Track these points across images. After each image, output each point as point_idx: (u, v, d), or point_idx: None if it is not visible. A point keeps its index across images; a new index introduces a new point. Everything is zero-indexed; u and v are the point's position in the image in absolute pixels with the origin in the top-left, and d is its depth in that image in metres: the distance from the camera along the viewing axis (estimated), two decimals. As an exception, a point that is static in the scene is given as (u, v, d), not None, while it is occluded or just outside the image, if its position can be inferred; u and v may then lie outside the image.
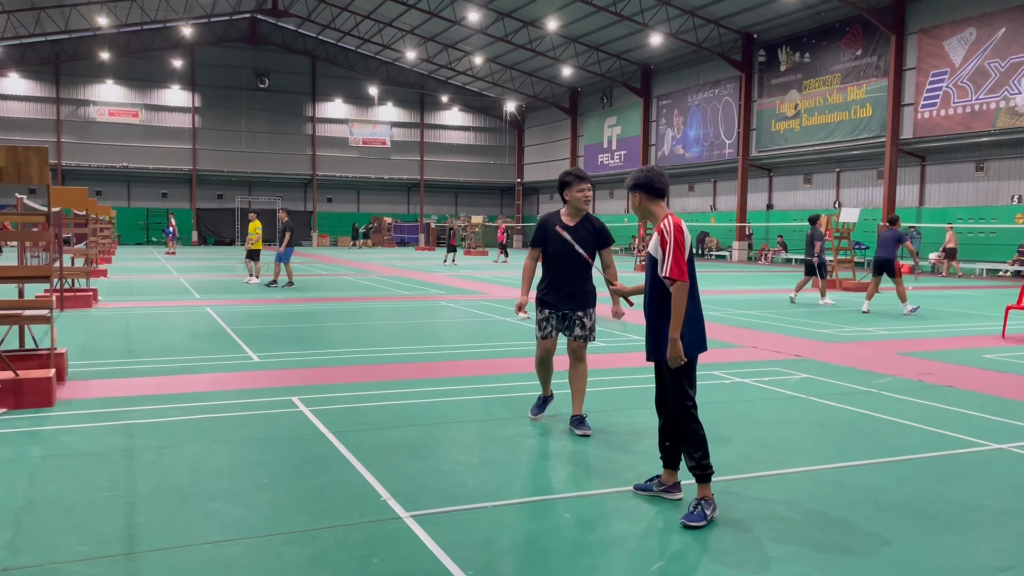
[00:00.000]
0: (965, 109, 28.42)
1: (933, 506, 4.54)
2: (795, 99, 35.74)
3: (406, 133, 58.67)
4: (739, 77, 38.37)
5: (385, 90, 56.53)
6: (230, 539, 3.95)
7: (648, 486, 4.65)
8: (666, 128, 44.43)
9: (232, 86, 53.56)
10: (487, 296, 17.65)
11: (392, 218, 57.76)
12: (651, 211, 4.52)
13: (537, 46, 44.39)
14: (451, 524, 4.17)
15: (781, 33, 36.10)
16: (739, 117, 38.56)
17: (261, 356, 9.29)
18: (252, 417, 6.43)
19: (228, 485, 4.77)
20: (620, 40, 41.83)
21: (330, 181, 56.83)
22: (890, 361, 9.38)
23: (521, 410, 6.72)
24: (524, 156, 60.69)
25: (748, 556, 3.83)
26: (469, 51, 48.73)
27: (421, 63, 54.12)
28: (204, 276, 23.16)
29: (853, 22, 32.37)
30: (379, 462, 5.21)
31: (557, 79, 50.35)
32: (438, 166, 59.56)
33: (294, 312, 14.17)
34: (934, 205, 31.03)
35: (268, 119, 54.69)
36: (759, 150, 37.96)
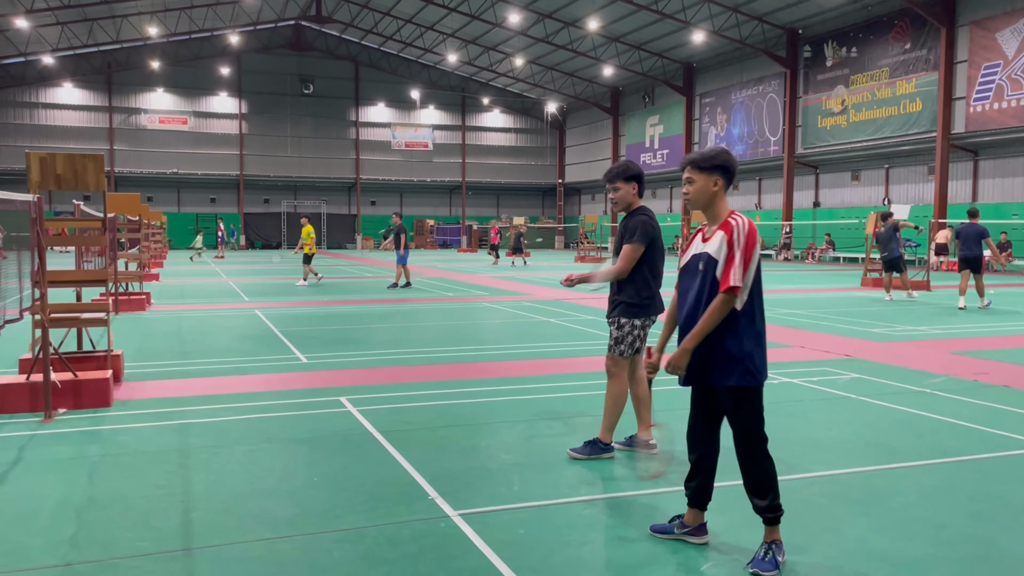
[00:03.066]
0: (1020, 102, 27.62)
1: (990, 508, 4.43)
2: (842, 94, 35.10)
3: (448, 136, 59.00)
4: (783, 73, 37.82)
5: (427, 93, 56.96)
6: (282, 536, 4.02)
7: (668, 528, 4.00)
8: (709, 126, 43.98)
9: (277, 92, 54.44)
10: (530, 297, 17.67)
11: (435, 220, 58.14)
12: (718, 202, 3.78)
13: (578, 46, 44.30)
14: (498, 523, 4.20)
15: (827, 28, 35.49)
16: (784, 114, 38.01)
17: (309, 357, 9.43)
18: (301, 417, 6.53)
19: (279, 483, 4.86)
20: (662, 39, 41.53)
21: (374, 184, 57.42)
22: (943, 360, 9.17)
23: (565, 410, 6.72)
24: (565, 157, 60.60)
25: (800, 560, 3.78)
26: (510, 53, 48.83)
27: (462, 66, 54.39)
28: (253, 279, 23.58)
29: (901, 15, 31.69)
30: (426, 461, 5.26)
31: (598, 79, 50.17)
32: (480, 168, 59.79)
33: (340, 314, 14.35)
34: (988, 200, 30.20)
35: (313, 124, 55.47)
36: (805, 147, 37.37)
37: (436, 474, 4.99)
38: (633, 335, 5.20)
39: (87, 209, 12.16)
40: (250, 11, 48.19)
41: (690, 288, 3.79)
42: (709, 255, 3.69)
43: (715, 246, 3.67)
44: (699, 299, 3.71)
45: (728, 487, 4.46)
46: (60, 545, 3.91)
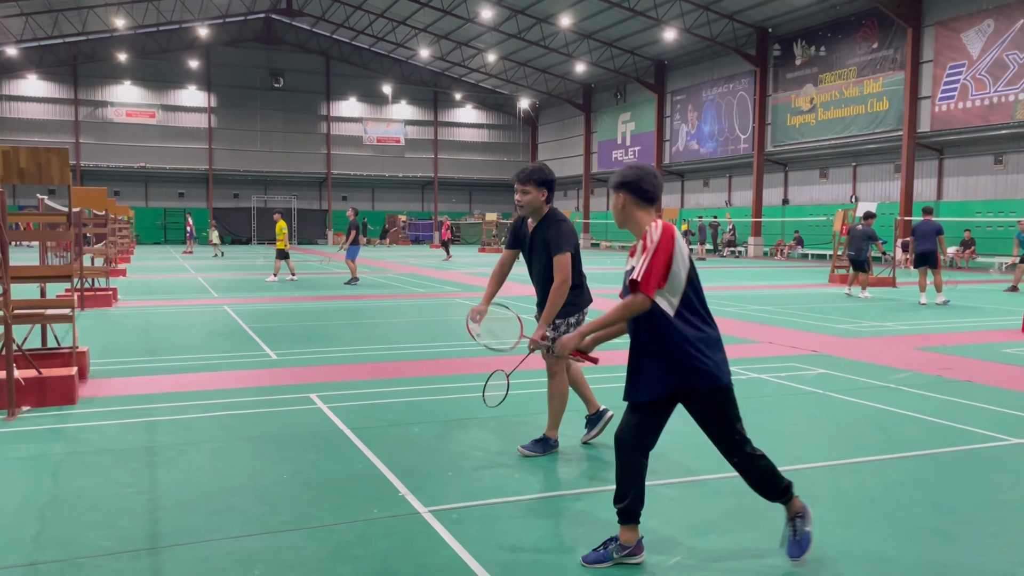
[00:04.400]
0: (983, 102, 28.14)
1: (952, 501, 4.52)
2: (811, 93, 35.51)
3: (420, 131, 58.79)
4: (754, 71, 38.17)
5: (399, 88, 56.69)
6: (250, 534, 4.00)
7: (604, 554, 3.66)
8: (680, 123, 44.26)
9: (247, 86, 53.86)
10: (503, 293, 17.67)
11: (407, 216, 57.91)
12: (635, 217, 3.63)
13: (550, 43, 44.34)
14: (470, 519, 4.20)
15: (796, 27, 35.87)
16: (754, 112, 38.36)
17: (279, 353, 9.36)
18: (271, 414, 6.49)
19: (248, 481, 4.82)
20: (634, 36, 41.70)
21: (345, 179, 57.06)
22: (908, 356, 9.33)
23: (537, 406, 6.74)
24: (538, 153, 60.64)
25: (768, 548, 3.84)
26: (482, 48, 48.75)
27: (434, 61, 54.20)
28: (222, 275, 23.33)
29: (869, 15, 32.12)
30: (397, 458, 5.25)
31: (570, 75, 50.27)
32: (452, 163, 59.67)
33: (311, 310, 14.26)
34: (952, 199, 30.75)
35: (283, 118, 54.96)
36: (774, 145, 37.75)
37: (406, 470, 4.98)
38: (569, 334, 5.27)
39: (52, 204, 11.97)
40: (219, 4, 47.63)
41: None
42: (632, 267, 3.54)
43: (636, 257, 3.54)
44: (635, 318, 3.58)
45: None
46: (24, 544, 3.85)
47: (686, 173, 45.35)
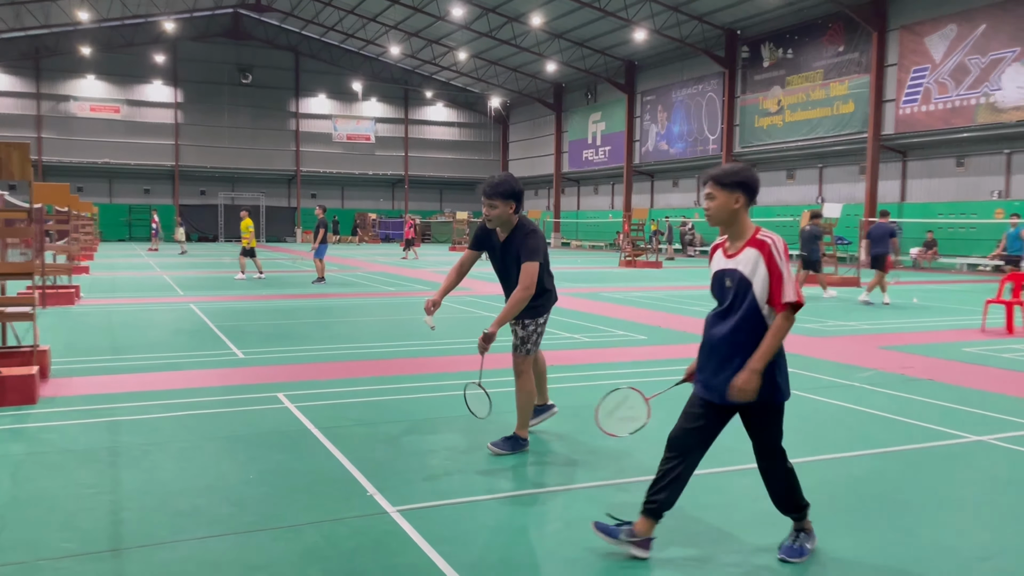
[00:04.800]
0: (946, 105, 28.67)
1: (913, 497, 4.60)
2: (778, 95, 35.92)
3: (390, 129, 58.51)
4: (723, 73, 38.52)
5: (369, 85, 56.36)
6: (216, 535, 3.95)
7: (615, 531, 3.80)
8: (650, 124, 44.54)
9: (215, 81, 53.20)
10: (472, 292, 17.66)
11: (377, 214, 57.62)
12: (741, 218, 3.69)
13: (521, 42, 44.37)
14: (438, 518, 4.20)
15: (764, 29, 36.27)
16: (723, 113, 38.72)
17: (246, 352, 9.26)
18: (237, 414, 6.42)
19: (214, 482, 4.77)
20: (604, 36, 41.88)
21: (314, 177, 56.61)
22: (872, 355, 9.48)
23: (508, 404, 6.74)
24: (509, 152, 60.67)
25: (731, 547, 3.88)
26: (453, 47, 48.65)
27: (405, 59, 53.97)
28: (188, 273, 23.02)
29: (835, 18, 32.56)
30: (365, 458, 5.22)
31: (541, 75, 50.34)
32: (423, 162, 59.46)
33: (278, 308, 14.13)
34: (916, 200, 31.29)
35: (251, 114, 54.38)
36: (743, 146, 38.14)
37: (375, 470, 4.96)
38: (537, 333, 5.42)
39: (12, 199, 11.73)
40: (186, -3, 46.99)
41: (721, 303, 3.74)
42: (741, 274, 3.62)
43: (746, 264, 3.61)
44: (726, 317, 3.67)
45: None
46: (-19, 548, 3.77)
47: (656, 173, 45.64)
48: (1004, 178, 28.30)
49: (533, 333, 5.41)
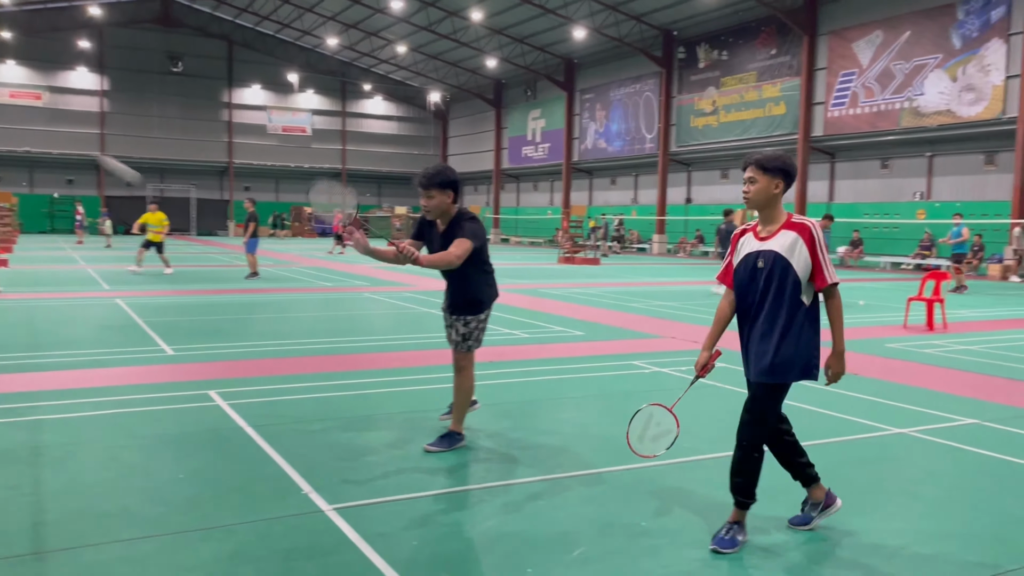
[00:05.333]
0: (872, 108, 29.66)
1: (837, 489, 4.74)
2: (713, 96, 36.62)
3: (327, 121, 57.65)
4: (660, 73, 39.08)
5: (305, 77, 55.41)
6: (144, 536, 3.84)
7: (806, 518, 4.07)
8: (589, 122, 44.93)
9: (144, 69, 51.57)
10: (414, 288, 17.55)
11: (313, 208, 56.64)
12: (778, 203, 3.88)
13: (461, 36, 44.21)
14: (375, 516, 4.16)
15: (700, 31, 36.91)
16: (659, 112, 39.29)
17: (175, 349, 9.02)
18: (166, 412, 6.25)
19: (141, 482, 4.63)
20: (544, 33, 42.04)
21: (248, 169, 55.40)
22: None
23: (446, 401, 6.72)
24: (448, 147, 60.45)
25: (666, 542, 3.94)
26: (392, 40, 48.18)
27: (343, 50, 53.24)
28: (114, 267, 22.29)
29: (768, 22, 33.35)
30: (301, 456, 5.14)
31: (481, 70, 50.27)
32: (361, 155, 58.76)
33: (210, 304, 13.80)
34: (843, 200, 32.31)
35: (182, 104, 52.90)
36: (678, 145, 38.77)
37: (310, 469, 4.89)
38: (479, 329, 5.38)
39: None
40: (114, -18, 45.41)
41: (754, 287, 3.82)
42: (777, 253, 3.75)
43: (784, 245, 3.75)
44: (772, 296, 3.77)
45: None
46: None
47: (594, 171, 46.07)
48: (926, 180, 29.44)
49: (475, 329, 5.37)
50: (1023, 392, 7.54)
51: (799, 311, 3.76)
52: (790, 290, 3.75)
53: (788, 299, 3.75)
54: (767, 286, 3.79)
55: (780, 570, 3.65)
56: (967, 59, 26.48)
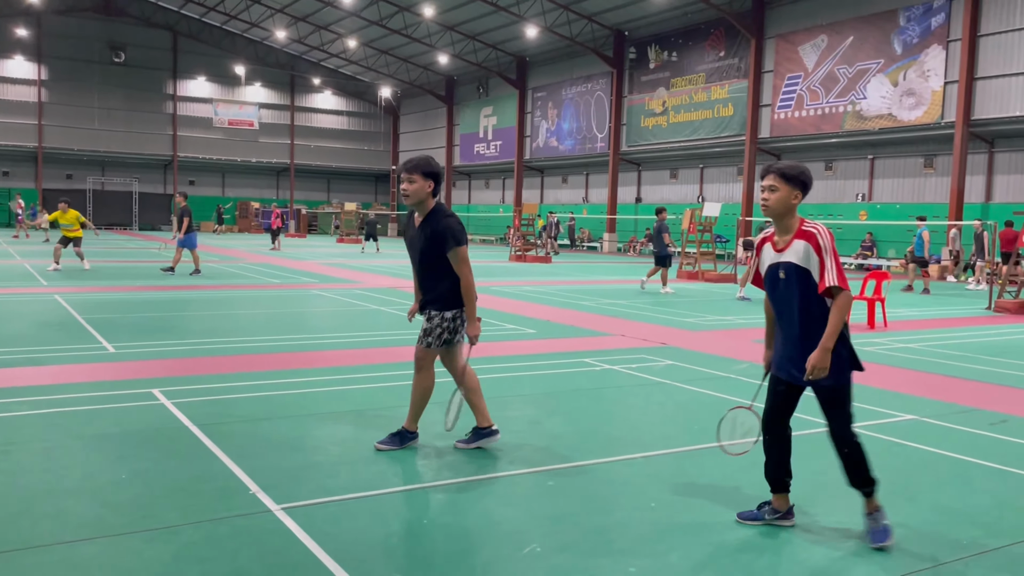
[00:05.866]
0: (816, 111, 30.33)
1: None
2: (663, 96, 37.05)
3: (276, 115, 56.71)
4: (611, 73, 39.38)
5: (253, 70, 54.43)
6: (84, 539, 3.73)
7: (759, 515, 4.16)
8: (541, 120, 45.06)
9: (84, 59, 50.05)
10: (362, 285, 17.39)
11: (260, 203, 55.76)
12: (794, 212, 3.95)
13: (413, 32, 43.93)
14: (324, 516, 4.11)
15: (651, 31, 37.30)
16: (610, 112, 39.60)
17: (117, 347, 8.79)
18: (108, 411, 6.08)
19: (82, 483, 4.50)
20: (496, 30, 42.02)
21: (193, 163, 54.19)
22: (747, 348, 9.92)
23: (397, 399, 6.68)
24: (399, 143, 60.00)
25: (617, 536, 3.97)
26: (342, 34, 47.64)
27: (292, 44, 52.42)
28: (52, 261, 21.59)
29: (717, 24, 33.85)
30: (248, 455, 5.05)
31: (433, 67, 50.03)
32: (309, 150, 57.95)
33: (154, 300, 13.48)
34: (788, 201, 32.95)
35: (124, 95, 51.46)
36: (629, 145, 39.13)
37: (257, 468, 4.81)
38: (443, 327, 5.19)
39: None
40: (53, -33, 44.00)
41: (781, 297, 3.98)
42: (794, 264, 3.89)
43: (798, 255, 3.88)
44: (801, 306, 3.90)
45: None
46: None
47: (546, 169, 46.23)
48: (867, 182, 30.23)
49: (437, 327, 5.17)
50: (959, 389, 7.80)
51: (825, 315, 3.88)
52: (815, 297, 3.89)
53: (817, 306, 3.89)
54: (792, 296, 3.93)
55: (736, 569, 3.71)
56: (908, 64, 27.27)
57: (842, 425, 3.98)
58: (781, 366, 4.07)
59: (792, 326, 3.97)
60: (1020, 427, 6.33)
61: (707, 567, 3.65)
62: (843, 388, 3.97)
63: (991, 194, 26.46)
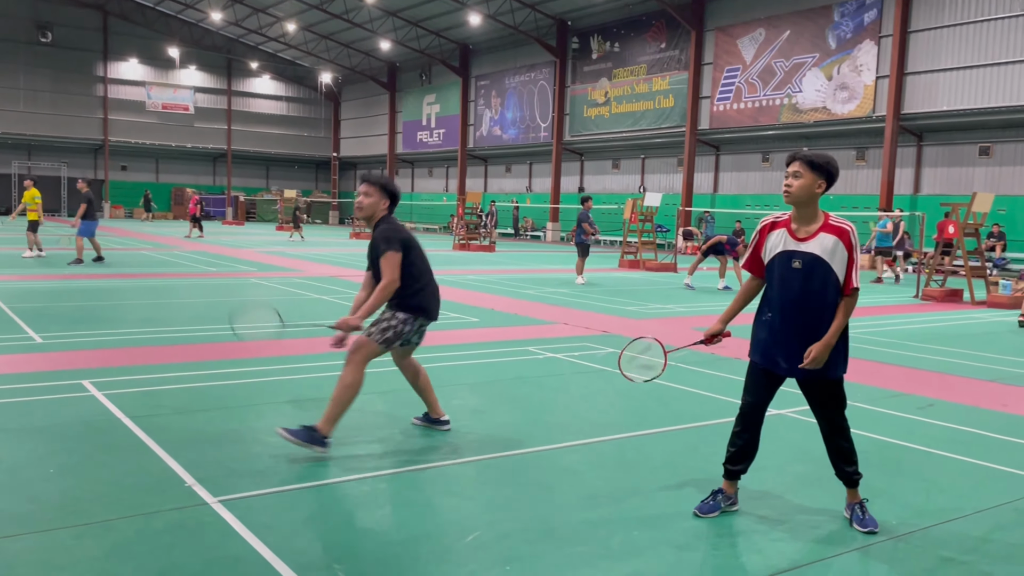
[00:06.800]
0: (754, 104, 30.91)
1: (718, 468, 4.93)
2: (605, 87, 37.28)
3: (212, 100, 55.32)
4: (554, 62, 39.45)
5: (188, 52, 52.95)
6: (11, 535, 3.59)
7: (716, 505, 4.13)
8: (484, 109, 44.91)
9: (8, 38, 47.99)
10: (303, 273, 17.12)
11: (196, 190, 54.38)
12: (815, 201, 3.93)
13: (354, 17, 43.26)
14: (262, 507, 4.04)
15: (593, 22, 37.46)
16: (554, 102, 39.70)
17: (45, 337, 8.48)
18: (35, 403, 5.86)
19: (7, 478, 4.33)
20: (439, 17, 41.67)
21: (125, 148, 52.53)
22: (686, 335, 10.08)
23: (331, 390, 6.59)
24: (341, 130, 59.15)
25: (560, 522, 3.99)
26: (281, 17, 46.65)
27: (228, 26, 51.14)
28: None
29: (658, 16, 34.17)
30: (183, 448, 4.93)
31: (375, 53, 49.39)
32: (248, 136, 56.70)
33: (84, 289, 13.04)
34: (727, 192, 33.59)
35: (52, 77, 49.56)
36: (572, 135, 39.30)
37: (193, 460, 4.69)
38: (390, 328, 5.00)
39: None
40: (-27, -59, 42.04)
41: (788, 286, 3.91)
42: (816, 256, 3.84)
43: (825, 248, 3.83)
44: (809, 297, 3.87)
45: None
46: None
47: (489, 158, 46.15)
48: (802, 174, 30.93)
49: (383, 321, 5.03)
50: (888, 374, 8.06)
51: (835, 310, 3.90)
52: (831, 292, 3.86)
53: (830, 301, 3.88)
54: (807, 287, 3.88)
55: (686, 546, 3.76)
56: (841, 59, 27.97)
57: (842, 418, 4.05)
58: (770, 356, 4.06)
59: (794, 316, 3.93)
60: (947, 411, 6.58)
61: (648, 551, 3.70)
62: (841, 381, 4.06)
63: (919, 186, 27.39)
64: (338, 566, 3.44)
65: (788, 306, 3.95)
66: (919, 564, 3.66)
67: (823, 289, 3.86)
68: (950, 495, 4.59)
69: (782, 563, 3.62)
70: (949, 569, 3.62)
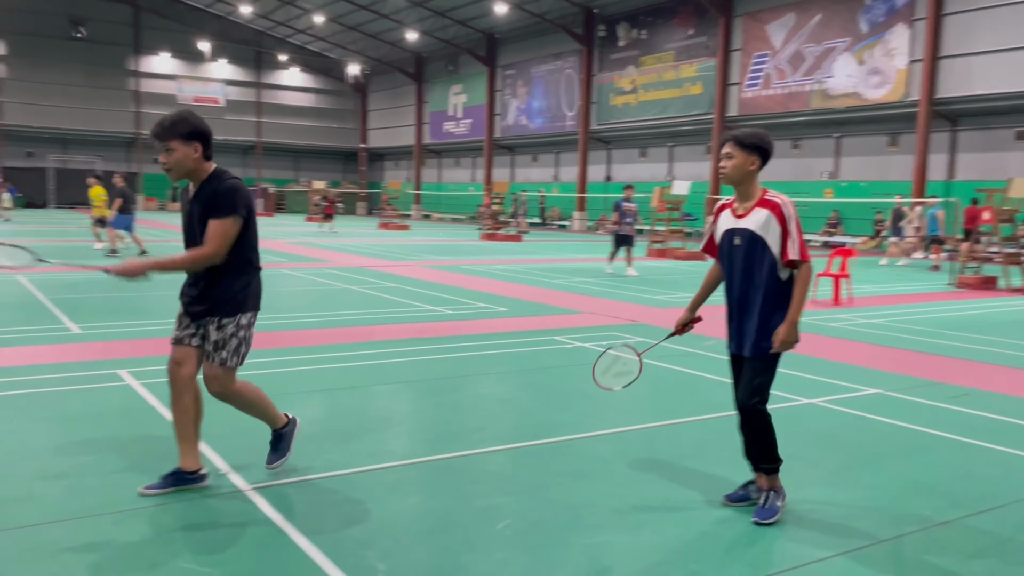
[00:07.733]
0: (784, 90, 30.51)
1: (752, 456, 4.92)
2: (632, 75, 37.02)
3: (242, 92, 55.84)
4: (580, 51, 39.23)
5: (218, 46, 53.47)
6: (52, 520, 3.69)
7: (746, 495, 4.09)
8: (510, 98, 44.83)
9: (44, 34, 48.80)
10: (331, 264, 17.26)
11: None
12: (754, 180, 3.92)
13: (381, 8, 43.36)
14: (296, 495, 4.10)
15: (620, 9, 37.18)
16: (580, 90, 39.50)
17: (83, 327, 8.65)
18: (73, 392, 5.99)
19: (47, 465, 4.44)
20: (465, 7, 41.61)
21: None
22: (715, 324, 9.97)
23: (369, 379, 6.66)
24: (368, 121, 59.40)
25: (588, 512, 4.01)
26: (309, 9, 46.88)
27: (257, 19, 51.52)
28: (14, 241, 21.15)
29: (686, 2, 33.82)
30: (218, 435, 5.01)
31: (402, 43, 49.47)
32: (277, 128, 57.18)
33: (120, 280, 13.25)
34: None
35: (86, 71, 50.34)
36: (599, 123, 39.10)
37: (228, 448, 4.78)
38: (239, 337, 4.08)
39: None
40: (7, -61, 42.72)
41: (733, 265, 3.96)
42: (752, 232, 3.85)
43: (758, 222, 3.84)
44: (748, 274, 3.90)
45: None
46: None
47: (516, 148, 46.07)
48: (833, 160, 30.55)
49: (233, 337, 4.03)
50: (921, 363, 7.96)
51: (778, 287, 3.87)
52: (767, 267, 3.86)
53: (767, 276, 3.87)
54: (746, 264, 3.91)
55: (698, 537, 3.76)
56: (873, 43, 27.50)
57: (764, 392, 3.92)
58: (732, 339, 4.07)
59: (738, 295, 3.97)
60: (981, 400, 6.49)
61: (678, 541, 3.70)
62: (777, 356, 3.94)
63: (954, 172, 26.88)
64: (370, 552, 3.49)
65: (734, 284, 4.00)
66: (958, 552, 3.63)
67: (760, 265, 3.87)
68: (985, 484, 4.54)
69: (816, 553, 3.60)
70: (986, 559, 3.58)
